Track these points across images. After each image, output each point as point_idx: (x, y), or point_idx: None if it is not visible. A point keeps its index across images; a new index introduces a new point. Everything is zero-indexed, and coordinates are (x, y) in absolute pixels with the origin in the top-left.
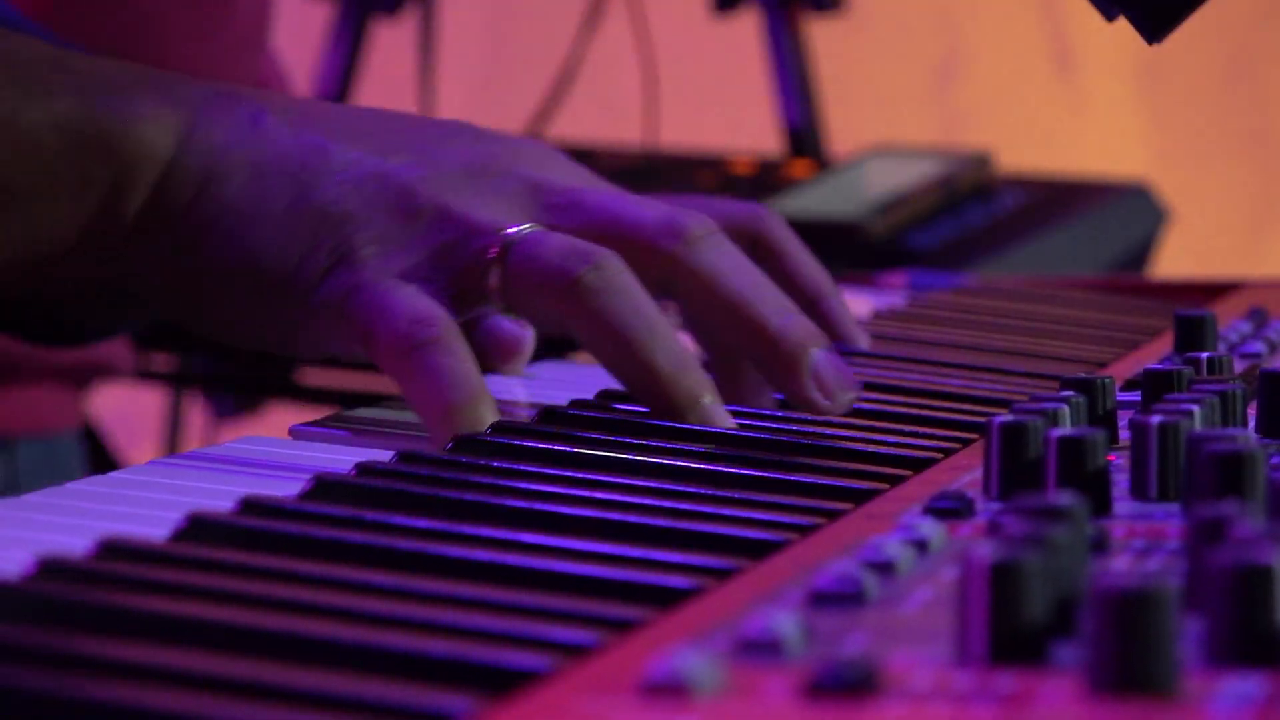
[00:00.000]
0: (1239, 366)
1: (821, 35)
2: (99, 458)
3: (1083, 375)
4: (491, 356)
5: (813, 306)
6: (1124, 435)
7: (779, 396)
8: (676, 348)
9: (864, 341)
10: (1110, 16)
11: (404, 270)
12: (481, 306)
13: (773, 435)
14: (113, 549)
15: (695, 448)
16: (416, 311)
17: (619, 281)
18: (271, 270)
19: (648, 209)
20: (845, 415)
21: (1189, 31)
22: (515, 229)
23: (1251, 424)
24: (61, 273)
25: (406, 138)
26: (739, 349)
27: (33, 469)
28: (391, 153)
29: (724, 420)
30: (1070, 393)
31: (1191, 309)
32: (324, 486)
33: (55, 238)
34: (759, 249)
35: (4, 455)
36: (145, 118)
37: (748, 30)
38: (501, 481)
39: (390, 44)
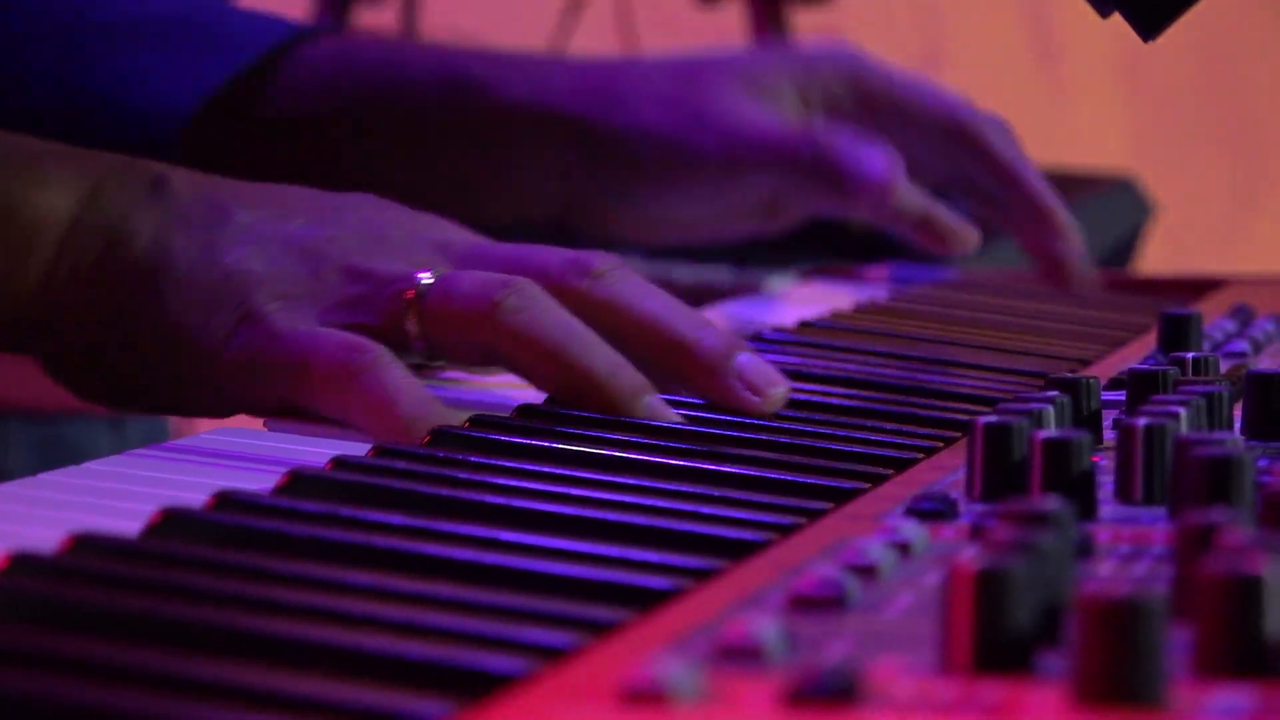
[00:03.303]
0: (1224, 366)
1: (804, 25)
2: None
3: (1067, 374)
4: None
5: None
6: (1108, 436)
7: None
8: (608, 350)
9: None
10: (1104, 13)
11: (317, 319)
12: (402, 355)
13: (752, 432)
14: (84, 544)
15: (675, 444)
16: (349, 341)
17: (540, 301)
18: (178, 330)
19: (552, 253)
20: (825, 413)
21: (1172, 25)
22: (426, 273)
23: (1237, 425)
24: None
25: (309, 203)
26: (663, 369)
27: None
28: (294, 215)
29: (669, 415)
30: (1055, 392)
31: (1177, 307)
32: (299, 480)
33: None
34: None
35: (114, 432)
36: (46, 182)
37: (731, 20)
38: (479, 477)
39: (373, 29)
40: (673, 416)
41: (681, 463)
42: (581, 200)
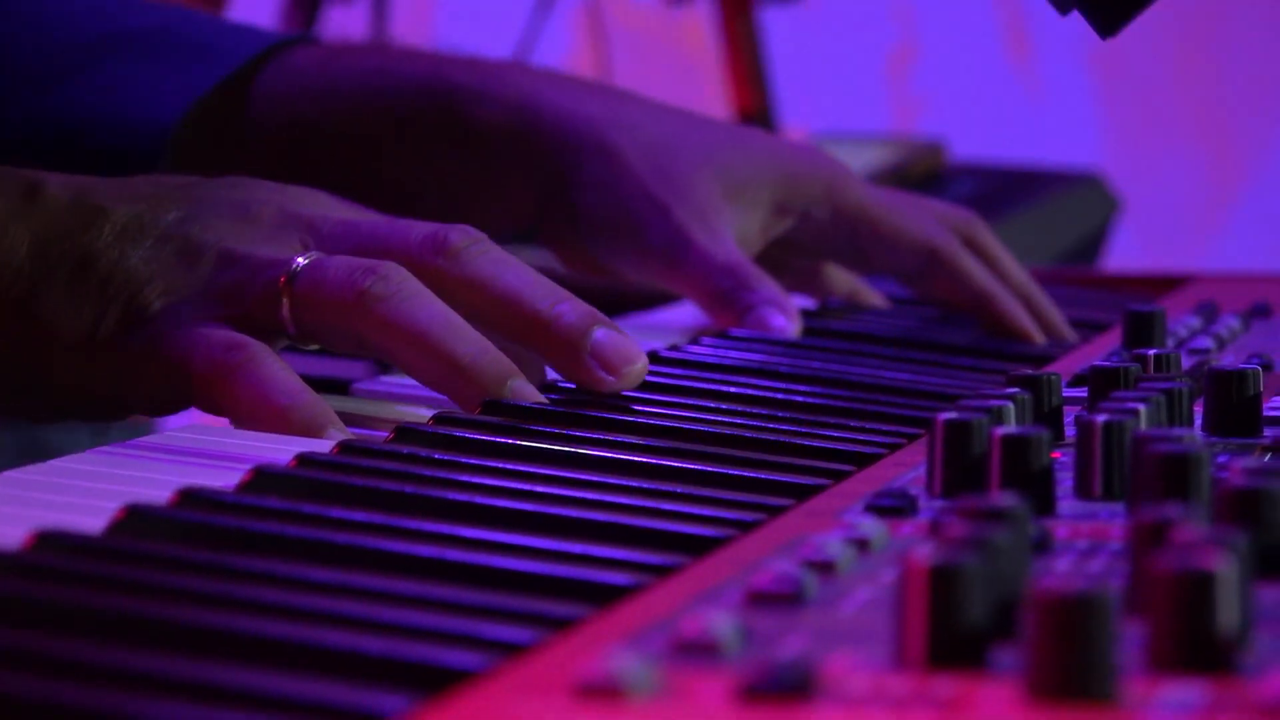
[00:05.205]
0: (1187, 362)
1: (775, 21)
2: None
3: (1028, 371)
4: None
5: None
6: (1070, 433)
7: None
8: (474, 335)
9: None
10: (1064, 11)
11: (197, 313)
12: (278, 339)
13: (715, 429)
14: (49, 540)
15: (638, 441)
16: (226, 339)
17: (405, 287)
18: (65, 337)
19: (414, 230)
20: (789, 410)
21: (1144, 19)
22: (299, 258)
23: (1198, 422)
24: None
25: (180, 192)
26: (524, 343)
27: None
28: (168, 206)
29: (535, 397)
30: (1015, 389)
31: (1141, 303)
32: (263, 478)
33: None
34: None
35: (95, 437)
36: None
37: (701, 15)
38: (442, 474)
39: (343, 29)
40: (538, 398)
41: (644, 459)
42: (546, 226)
